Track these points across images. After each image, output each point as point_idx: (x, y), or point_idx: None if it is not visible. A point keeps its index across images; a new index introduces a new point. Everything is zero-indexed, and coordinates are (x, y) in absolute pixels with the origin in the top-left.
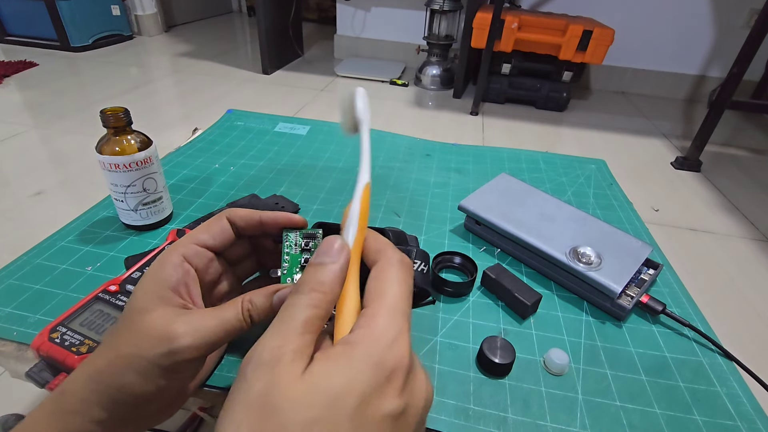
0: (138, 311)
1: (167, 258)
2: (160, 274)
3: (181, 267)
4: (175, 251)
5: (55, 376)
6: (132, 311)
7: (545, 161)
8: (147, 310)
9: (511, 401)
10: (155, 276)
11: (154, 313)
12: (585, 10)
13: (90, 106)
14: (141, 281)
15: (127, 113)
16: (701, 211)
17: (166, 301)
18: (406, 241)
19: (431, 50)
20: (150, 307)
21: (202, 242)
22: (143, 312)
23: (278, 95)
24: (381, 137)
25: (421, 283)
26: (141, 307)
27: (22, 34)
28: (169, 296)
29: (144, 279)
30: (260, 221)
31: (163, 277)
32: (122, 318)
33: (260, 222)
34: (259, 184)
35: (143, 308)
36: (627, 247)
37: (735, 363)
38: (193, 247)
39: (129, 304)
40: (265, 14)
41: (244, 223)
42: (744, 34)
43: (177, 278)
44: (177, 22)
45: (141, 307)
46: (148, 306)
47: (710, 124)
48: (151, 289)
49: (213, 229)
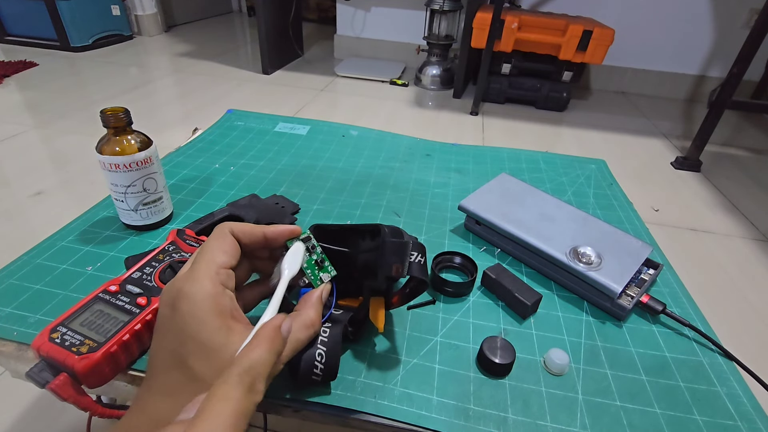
0: (216, 347)
1: (209, 289)
2: (215, 306)
3: (226, 295)
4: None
5: (56, 376)
6: (208, 348)
7: (545, 161)
8: (224, 343)
9: (511, 401)
10: (211, 310)
11: (233, 341)
12: (585, 10)
13: (90, 106)
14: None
15: (127, 113)
16: (701, 211)
17: (233, 329)
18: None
19: (431, 50)
20: (224, 338)
21: (226, 265)
22: (222, 347)
23: (278, 95)
24: (381, 137)
25: (419, 273)
26: (216, 342)
27: (22, 34)
28: (232, 324)
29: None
30: (264, 237)
31: (220, 309)
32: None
33: (264, 238)
34: (259, 184)
35: (219, 343)
36: (627, 247)
37: (735, 363)
38: (224, 271)
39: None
40: (265, 14)
41: (248, 240)
42: (744, 34)
43: (230, 306)
44: (177, 22)
45: (216, 342)
46: (221, 338)
47: (710, 124)
48: (215, 324)
49: (228, 248)
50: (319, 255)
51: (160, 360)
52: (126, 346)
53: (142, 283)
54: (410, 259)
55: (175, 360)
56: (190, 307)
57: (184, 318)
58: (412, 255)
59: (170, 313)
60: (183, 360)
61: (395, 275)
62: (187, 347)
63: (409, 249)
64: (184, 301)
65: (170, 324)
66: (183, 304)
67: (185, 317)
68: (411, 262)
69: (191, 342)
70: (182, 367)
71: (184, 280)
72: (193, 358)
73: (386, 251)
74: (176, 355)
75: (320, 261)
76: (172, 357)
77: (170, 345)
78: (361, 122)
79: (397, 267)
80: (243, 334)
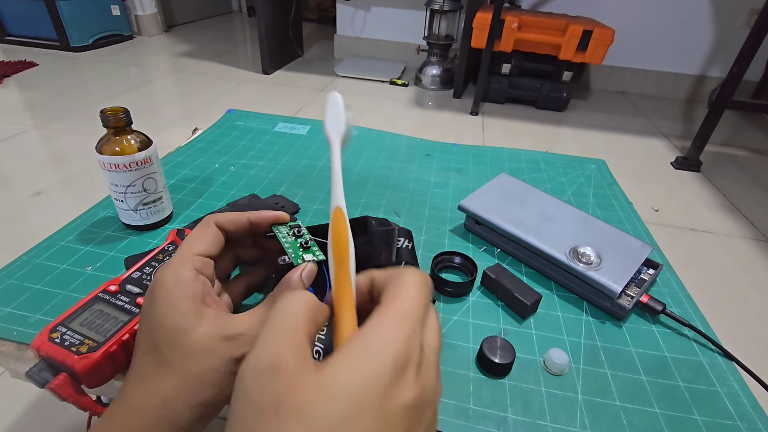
0: (183, 332)
1: (182, 275)
2: (186, 291)
3: (198, 280)
4: (184, 266)
5: (55, 376)
6: (174, 333)
7: (545, 161)
8: (192, 327)
9: (511, 401)
10: (181, 294)
11: (201, 327)
12: (585, 10)
13: (90, 106)
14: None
15: (127, 113)
16: (701, 211)
17: (203, 314)
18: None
19: (431, 50)
20: (191, 323)
21: (204, 252)
22: (189, 330)
23: (278, 95)
24: (381, 137)
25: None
26: (184, 327)
27: (22, 34)
28: (203, 309)
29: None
30: (249, 222)
31: (190, 293)
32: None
33: (249, 223)
34: (259, 184)
35: (186, 327)
36: (627, 247)
37: (735, 363)
38: (199, 258)
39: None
40: (265, 14)
41: (233, 227)
42: (744, 34)
43: (202, 291)
44: (177, 22)
45: (183, 326)
46: (188, 323)
47: (710, 124)
48: (183, 308)
49: (208, 238)
50: (307, 239)
51: (139, 347)
52: (126, 345)
53: (142, 283)
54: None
55: (149, 345)
56: (162, 293)
57: (157, 303)
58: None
59: (148, 300)
60: (155, 345)
61: (385, 262)
62: (158, 332)
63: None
64: (158, 287)
65: (147, 310)
66: (156, 290)
67: (158, 302)
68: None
69: (161, 327)
70: (155, 352)
71: (161, 268)
72: (163, 343)
73: (374, 240)
74: (150, 340)
75: (305, 243)
76: (147, 343)
77: (146, 331)
78: (361, 122)
79: (386, 255)
80: (214, 320)
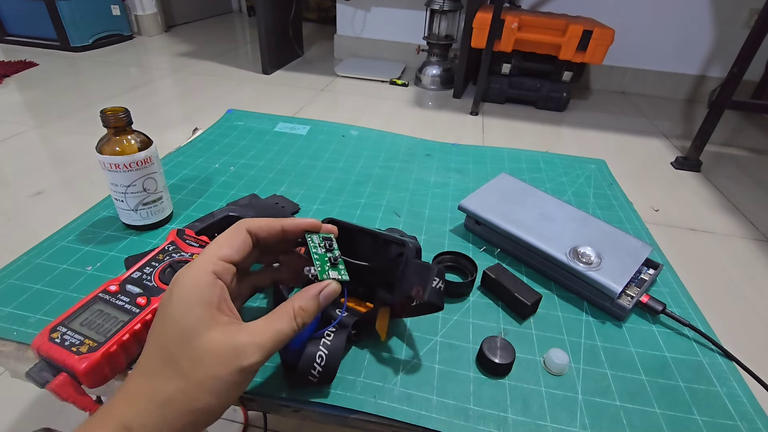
0: (194, 335)
1: (201, 278)
2: (202, 296)
3: (216, 285)
4: (204, 269)
5: (55, 376)
6: (185, 335)
7: (545, 161)
8: (201, 331)
9: (511, 401)
10: (197, 298)
11: (212, 333)
12: (585, 10)
13: (90, 106)
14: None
15: (127, 113)
16: (701, 211)
17: (216, 320)
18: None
19: (431, 50)
20: (203, 328)
21: (227, 258)
22: (200, 335)
23: (278, 95)
24: (381, 137)
25: (436, 299)
26: (195, 330)
27: (22, 34)
28: (216, 315)
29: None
30: (282, 229)
31: (206, 298)
32: (173, 343)
33: (282, 230)
34: (259, 184)
35: (198, 331)
36: (627, 247)
37: (735, 363)
38: (221, 263)
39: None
40: (265, 14)
41: (266, 234)
42: (744, 34)
43: (218, 296)
44: (177, 22)
45: (195, 329)
46: (200, 327)
47: (710, 124)
48: (197, 312)
49: (235, 243)
50: (336, 255)
51: (150, 343)
52: (126, 346)
53: (142, 283)
54: (432, 284)
55: (160, 344)
56: (179, 293)
57: (173, 303)
58: (435, 281)
59: (167, 298)
60: (166, 344)
61: (415, 297)
62: (170, 332)
63: (433, 274)
64: (176, 286)
65: (163, 308)
66: (175, 290)
67: (174, 303)
68: (432, 287)
69: (174, 326)
70: (164, 351)
71: (183, 269)
72: (173, 343)
73: (409, 271)
74: (162, 338)
75: (334, 260)
76: (159, 339)
77: (159, 328)
78: (361, 122)
79: (417, 290)
80: (225, 327)
